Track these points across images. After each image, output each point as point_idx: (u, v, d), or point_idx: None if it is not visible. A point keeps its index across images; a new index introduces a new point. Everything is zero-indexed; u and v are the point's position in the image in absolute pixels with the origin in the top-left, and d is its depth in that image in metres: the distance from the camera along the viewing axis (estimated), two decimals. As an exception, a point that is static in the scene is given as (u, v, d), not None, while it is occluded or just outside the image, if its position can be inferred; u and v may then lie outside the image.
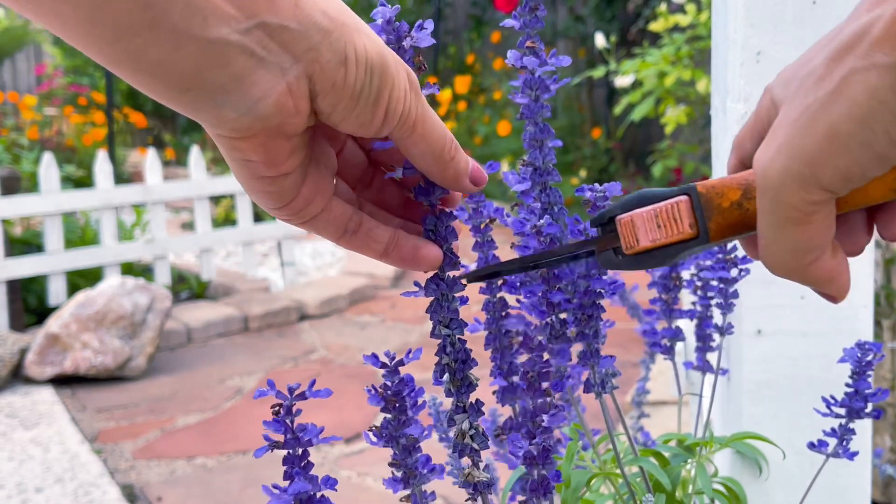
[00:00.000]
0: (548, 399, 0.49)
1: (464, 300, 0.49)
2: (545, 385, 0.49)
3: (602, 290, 0.58)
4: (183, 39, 0.35)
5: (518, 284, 0.61)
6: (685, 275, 0.79)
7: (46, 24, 0.35)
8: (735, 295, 0.78)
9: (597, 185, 0.57)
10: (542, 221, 0.57)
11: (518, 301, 0.70)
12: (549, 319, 0.57)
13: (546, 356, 0.49)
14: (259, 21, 0.36)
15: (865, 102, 0.33)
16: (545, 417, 0.49)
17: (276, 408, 0.45)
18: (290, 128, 0.39)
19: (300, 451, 0.45)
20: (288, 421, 0.45)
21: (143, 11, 0.34)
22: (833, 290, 0.39)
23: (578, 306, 0.57)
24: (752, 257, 0.41)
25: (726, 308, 0.78)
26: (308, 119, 0.40)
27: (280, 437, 0.45)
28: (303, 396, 0.45)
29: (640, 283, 1.14)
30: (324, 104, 0.39)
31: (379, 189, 0.49)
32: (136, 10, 0.34)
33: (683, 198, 0.41)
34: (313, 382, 0.46)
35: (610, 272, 0.58)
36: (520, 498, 0.57)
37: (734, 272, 0.77)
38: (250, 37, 0.36)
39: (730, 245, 0.77)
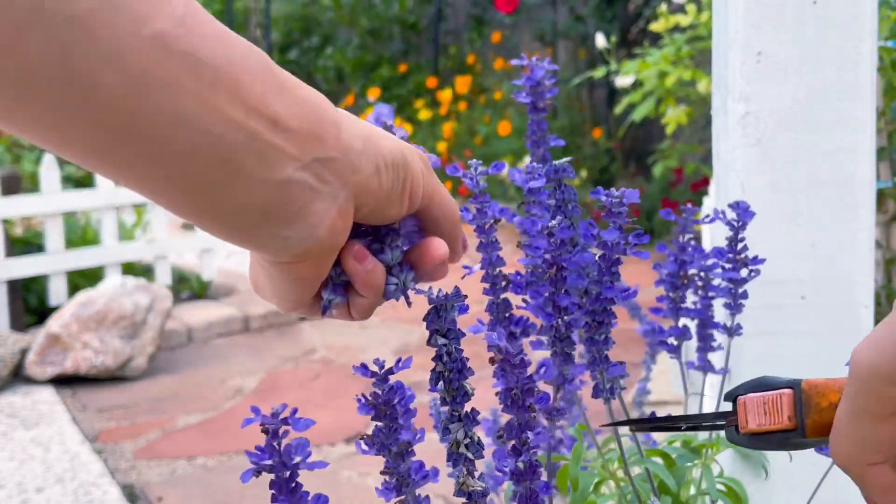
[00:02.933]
0: (532, 415, 0.49)
1: (463, 309, 0.49)
2: (529, 401, 0.48)
3: (615, 298, 0.57)
4: (255, 185, 0.38)
5: (524, 284, 0.60)
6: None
7: (137, 187, 0.38)
8: (745, 296, 0.78)
9: (613, 189, 0.56)
10: (553, 223, 0.56)
11: (524, 301, 0.70)
12: (555, 322, 0.57)
13: (529, 372, 0.48)
14: (313, 157, 0.40)
15: None
16: (530, 434, 0.49)
17: (265, 428, 0.44)
18: (339, 244, 0.43)
19: (287, 474, 0.44)
20: (275, 444, 0.43)
21: (223, 165, 0.37)
22: (884, 499, 0.40)
23: (589, 312, 0.57)
24: (830, 449, 0.42)
25: (735, 308, 0.78)
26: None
27: (267, 463, 0.43)
28: (287, 422, 0.44)
29: (640, 284, 1.14)
30: (364, 211, 0.43)
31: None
32: (216, 165, 0.37)
33: (788, 391, 0.44)
34: (295, 410, 0.44)
35: (617, 284, 0.58)
36: None
37: (744, 272, 0.77)
38: (307, 172, 0.40)
39: (739, 245, 0.77)
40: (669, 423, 0.53)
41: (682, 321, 0.79)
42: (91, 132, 0.35)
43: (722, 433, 0.68)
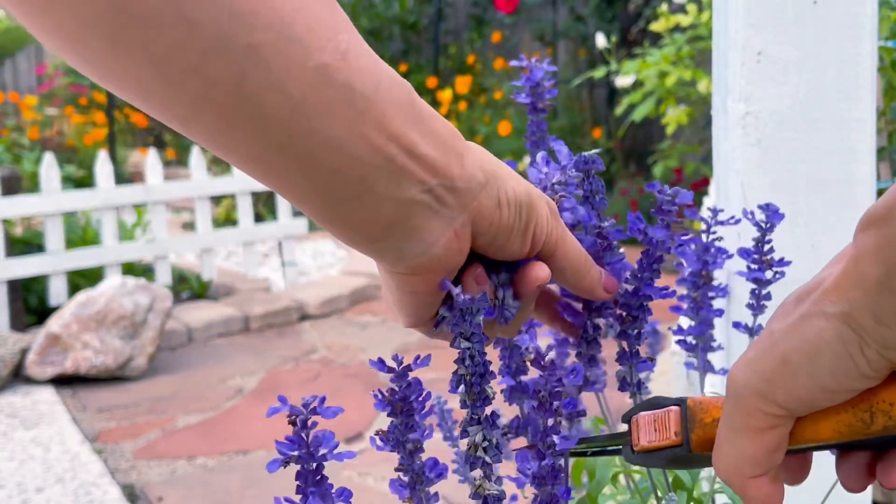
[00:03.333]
0: (559, 419, 0.48)
1: (489, 313, 0.49)
2: (556, 405, 0.48)
3: (652, 295, 0.57)
4: (384, 201, 0.43)
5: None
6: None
7: (283, 193, 0.42)
8: (768, 297, 0.78)
9: (667, 186, 0.56)
10: (605, 224, 0.56)
11: None
12: (584, 323, 0.56)
13: (559, 375, 0.48)
14: (437, 182, 0.44)
15: (813, 341, 0.38)
16: (556, 439, 0.48)
17: (293, 418, 0.44)
18: (454, 264, 0.47)
19: (314, 465, 0.44)
20: (303, 435, 0.44)
21: (359, 184, 0.42)
22: None
23: (625, 305, 0.56)
24: (714, 464, 0.45)
25: (758, 310, 0.78)
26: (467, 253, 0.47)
27: (295, 454, 0.44)
28: (316, 412, 0.44)
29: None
30: (482, 240, 0.47)
31: None
32: (354, 182, 0.41)
33: (675, 408, 0.47)
34: (323, 399, 0.45)
35: (659, 281, 0.58)
36: None
37: (769, 274, 0.77)
38: (430, 194, 0.44)
39: (766, 246, 0.77)
40: (579, 448, 0.54)
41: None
42: (252, 144, 0.40)
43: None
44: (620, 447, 0.51)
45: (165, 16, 0.36)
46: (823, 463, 0.74)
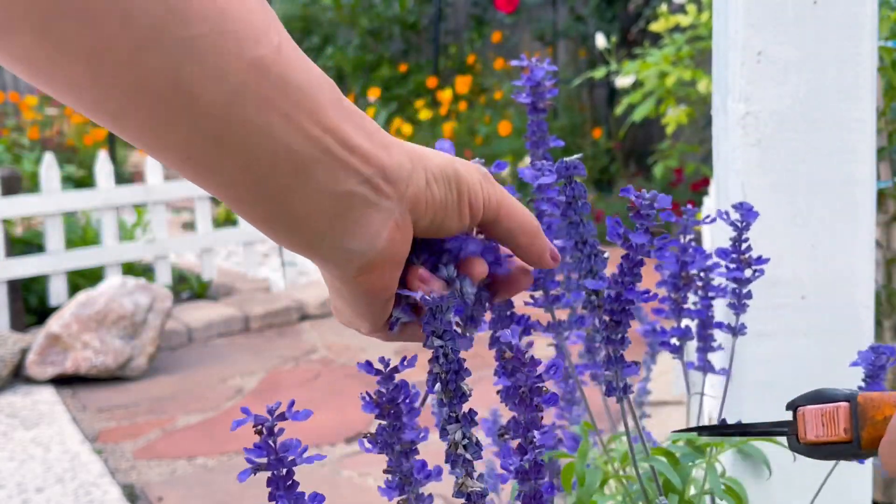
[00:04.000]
0: (539, 415, 0.49)
1: (459, 311, 0.49)
2: (537, 401, 0.48)
3: (634, 299, 0.57)
4: (322, 194, 0.43)
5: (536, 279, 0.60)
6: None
7: (221, 192, 0.42)
8: (749, 296, 0.78)
9: (644, 191, 0.56)
10: (586, 228, 0.56)
11: (531, 297, 0.70)
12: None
13: (539, 371, 0.48)
14: (372, 172, 0.44)
15: None
16: (536, 434, 0.49)
17: (259, 427, 0.44)
18: (400, 255, 0.47)
19: (284, 471, 0.44)
20: (270, 442, 0.44)
21: (297, 176, 0.42)
22: None
23: (608, 311, 0.57)
24: (886, 465, 0.46)
25: (739, 309, 0.78)
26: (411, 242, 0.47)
27: (263, 461, 0.44)
28: (283, 417, 0.44)
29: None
30: (422, 224, 0.47)
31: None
32: (291, 174, 0.41)
33: (844, 404, 0.47)
34: (292, 403, 0.45)
35: (640, 284, 0.58)
36: None
37: (748, 272, 0.77)
38: (367, 185, 0.44)
39: (744, 245, 0.77)
40: (735, 431, 0.55)
41: (684, 322, 0.79)
42: (189, 137, 0.39)
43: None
44: (785, 433, 0.51)
45: (99, 8, 0.35)
46: (823, 463, 0.74)
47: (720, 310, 0.88)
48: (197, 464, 2.47)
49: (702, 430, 0.55)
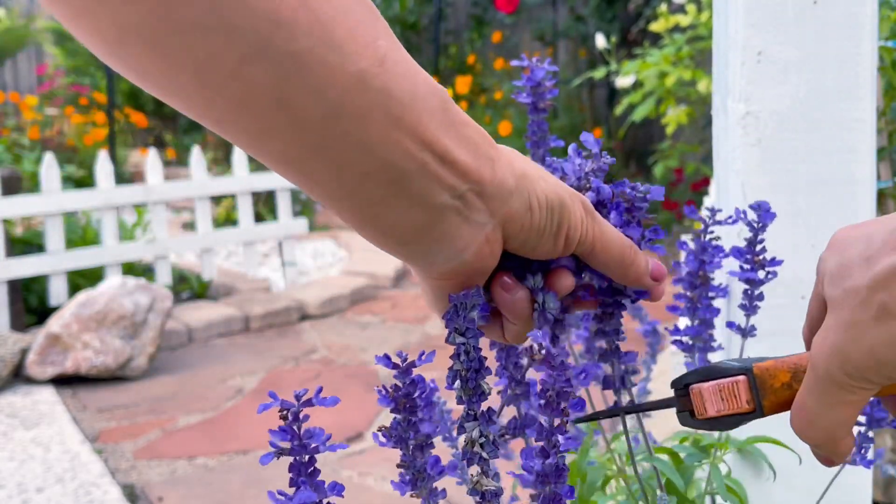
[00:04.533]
0: (565, 419, 0.48)
1: (484, 308, 0.49)
2: (564, 405, 0.48)
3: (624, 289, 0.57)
4: (414, 206, 0.43)
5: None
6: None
7: (318, 196, 0.43)
8: (760, 297, 0.77)
9: (639, 183, 0.56)
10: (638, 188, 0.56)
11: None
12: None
13: (568, 375, 0.48)
14: (468, 188, 0.44)
15: None
16: (561, 437, 0.48)
17: (285, 412, 0.44)
18: (486, 268, 0.47)
19: (307, 457, 0.45)
20: (295, 427, 0.44)
21: (391, 186, 0.42)
22: (841, 459, 0.48)
23: (602, 304, 0.57)
24: (797, 431, 0.48)
25: (751, 310, 0.78)
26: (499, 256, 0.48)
27: (286, 445, 0.44)
28: (309, 403, 0.45)
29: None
30: (514, 243, 0.47)
31: None
32: (385, 185, 0.42)
33: (742, 378, 0.49)
34: (320, 389, 0.45)
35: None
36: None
37: (762, 274, 0.77)
38: (461, 200, 0.44)
39: (759, 246, 0.77)
40: (628, 410, 0.56)
41: (684, 321, 0.79)
42: (288, 146, 0.40)
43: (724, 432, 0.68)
44: (675, 406, 0.52)
45: (207, 23, 0.36)
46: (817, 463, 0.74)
47: (722, 309, 0.88)
48: (197, 464, 2.47)
49: (600, 414, 0.56)
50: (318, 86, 0.38)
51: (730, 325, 0.80)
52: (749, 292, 0.77)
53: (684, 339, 0.80)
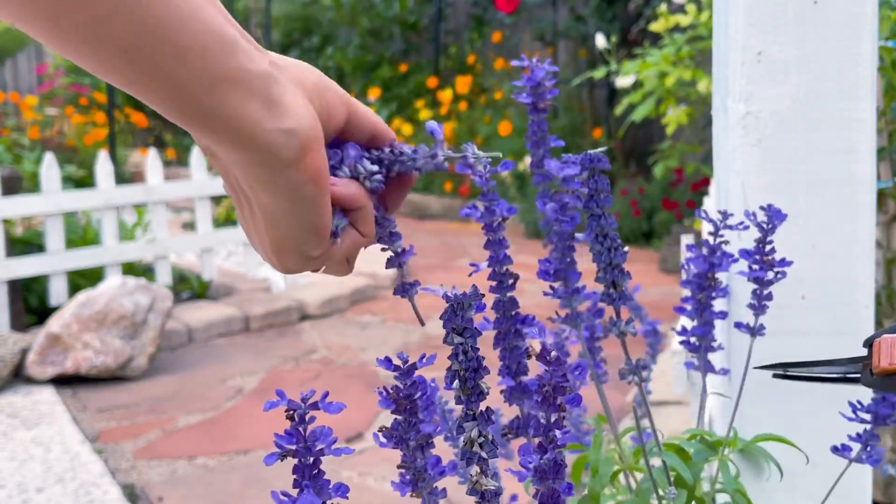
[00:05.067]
0: (562, 414, 0.48)
1: (480, 307, 0.49)
2: (560, 400, 0.48)
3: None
4: (247, 72, 0.45)
5: (552, 272, 0.61)
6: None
7: (157, 92, 0.44)
8: (769, 297, 0.77)
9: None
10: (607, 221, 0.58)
11: (551, 287, 0.70)
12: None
13: (563, 370, 0.48)
14: (269, 61, 0.47)
15: None
16: (558, 433, 0.48)
17: (291, 412, 0.44)
18: (321, 134, 0.48)
19: (311, 460, 0.45)
20: (300, 429, 0.44)
21: (225, 56, 0.44)
22: None
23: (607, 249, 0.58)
24: None
25: (759, 310, 0.78)
26: None
27: (292, 447, 0.44)
28: (315, 406, 0.44)
29: (641, 284, 1.14)
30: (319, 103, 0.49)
31: None
32: (219, 53, 0.44)
33: None
34: (326, 395, 0.45)
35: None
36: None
37: (770, 274, 0.77)
38: (272, 67, 0.47)
39: (767, 247, 0.77)
40: (808, 370, 0.57)
41: (682, 322, 0.79)
42: (127, 28, 0.41)
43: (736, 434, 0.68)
44: (858, 375, 0.53)
45: None
46: (820, 463, 0.74)
47: (733, 309, 0.87)
48: (197, 464, 2.47)
49: (784, 366, 0.57)
50: None
51: (738, 325, 0.80)
52: (758, 292, 0.77)
53: (692, 339, 0.80)
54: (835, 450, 0.69)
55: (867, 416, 0.67)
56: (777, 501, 0.91)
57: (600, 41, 3.91)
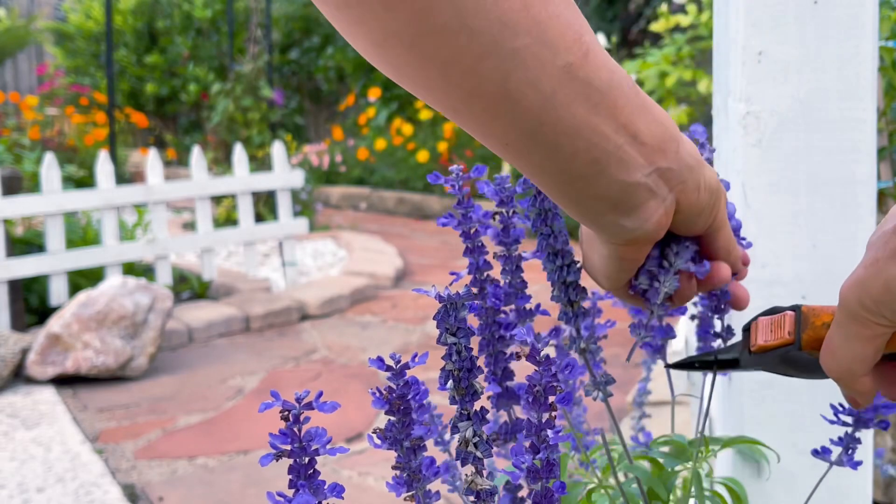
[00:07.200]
0: (553, 413, 0.48)
1: (473, 307, 0.49)
2: (551, 399, 0.48)
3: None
4: (613, 182, 0.50)
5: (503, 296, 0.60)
6: None
7: (528, 172, 0.51)
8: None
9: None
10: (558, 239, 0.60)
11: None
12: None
13: (554, 370, 0.48)
14: (656, 167, 0.51)
15: None
16: (550, 433, 0.48)
17: (286, 413, 0.44)
18: (658, 237, 0.54)
19: (306, 460, 0.45)
20: (295, 429, 0.44)
21: (593, 165, 0.49)
22: (864, 401, 0.52)
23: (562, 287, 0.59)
24: (823, 364, 0.52)
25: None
26: None
27: (287, 447, 0.44)
28: (310, 406, 0.45)
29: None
30: (678, 218, 0.54)
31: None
32: (588, 164, 0.49)
33: (790, 312, 0.54)
34: (320, 394, 0.45)
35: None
36: None
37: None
38: (650, 178, 0.51)
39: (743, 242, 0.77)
40: (693, 360, 0.63)
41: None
42: (508, 130, 0.48)
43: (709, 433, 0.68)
44: (737, 357, 0.59)
45: (452, 26, 0.43)
46: (820, 462, 0.74)
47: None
48: (197, 464, 2.47)
49: (673, 366, 0.63)
50: (534, 78, 0.45)
51: (708, 325, 0.80)
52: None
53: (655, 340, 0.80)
54: (815, 453, 0.69)
55: (848, 419, 0.67)
56: (777, 501, 0.91)
57: (601, 41, 3.92)
